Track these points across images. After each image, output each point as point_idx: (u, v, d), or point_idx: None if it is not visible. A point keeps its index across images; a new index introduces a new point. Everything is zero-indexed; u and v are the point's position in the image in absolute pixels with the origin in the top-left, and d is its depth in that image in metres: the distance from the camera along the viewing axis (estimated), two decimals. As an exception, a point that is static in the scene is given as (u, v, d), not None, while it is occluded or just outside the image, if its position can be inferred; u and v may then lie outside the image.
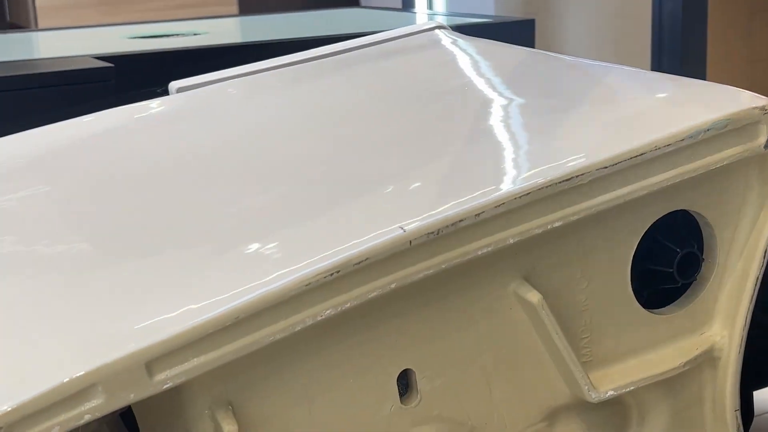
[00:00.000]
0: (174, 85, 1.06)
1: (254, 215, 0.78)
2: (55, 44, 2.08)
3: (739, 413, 0.83)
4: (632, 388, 0.80)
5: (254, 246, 0.72)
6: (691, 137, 0.75)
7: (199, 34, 1.96)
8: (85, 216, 0.84)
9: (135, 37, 1.96)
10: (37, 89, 1.47)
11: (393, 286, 0.67)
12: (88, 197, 0.88)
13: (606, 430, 0.83)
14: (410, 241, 0.67)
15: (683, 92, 0.86)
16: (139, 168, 0.93)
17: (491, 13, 2.37)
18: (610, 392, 0.78)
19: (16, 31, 3.44)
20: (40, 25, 3.72)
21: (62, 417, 0.59)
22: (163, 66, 1.44)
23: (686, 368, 0.81)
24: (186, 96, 1.06)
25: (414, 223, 0.68)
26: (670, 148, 0.74)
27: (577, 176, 0.72)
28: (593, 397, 0.77)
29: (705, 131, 0.75)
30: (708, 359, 0.83)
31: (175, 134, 0.99)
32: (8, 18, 4.11)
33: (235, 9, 4.00)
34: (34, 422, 0.59)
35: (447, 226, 0.68)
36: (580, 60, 1.00)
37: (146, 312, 0.64)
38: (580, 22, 3.19)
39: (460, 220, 0.68)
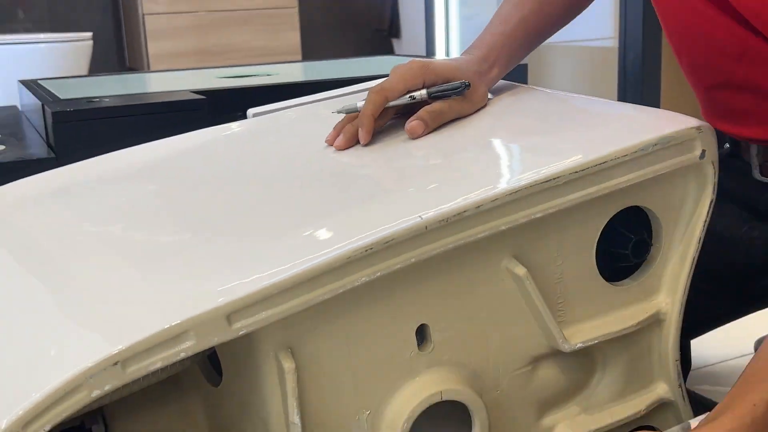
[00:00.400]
0: (251, 111, 1.07)
1: (308, 209, 0.78)
2: (162, 82, 2.11)
3: (679, 363, 0.82)
4: (596, 341, 0.78)
5: (309, 231, 0.71)
6: (643, 150, 0.74)
7: (271, 75, 1.98)
8: (181, 207, 0.85)
9: (223, 77, 1.97)
10: (147, 115, 1.49)
11: (413, 260, 0.67)
12: (184, 193, 0.88)
13: (576, 374, 0.81)
14: (426, 227, 0.67)
15: (639, 116, 0.85)
16: (221, 171, 0.93)
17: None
18: (579, 344, 0.77)
19: (133, 73, 3.47)
20: (152, 68, 3.74)
21: (163, 354, 0.60)
22: (244, 97, 1.45)
23: (638, 327, 0.80)
24: (259, 119, 1.06)
25: (429, 213, 0.68)
26: (627, 158, 0.74)
27: (554, 179, 0.72)
28: (566, 348, 0.76)
29: (654, 145, 0.74)
30: (655, 321, 0.81)
31: (249, 147, 0.99)
32: (128, 63, 4.14)
33: (299, 56, 4.03)
34: (143, 357, 0.59)
35: (454, 216, 0.68)
36: (566, 94, 0.99)
37: (226, 278, 0.65)
38: (563, 68, 3.18)
39: (464, 211, 0.68)
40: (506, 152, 0.85)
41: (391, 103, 0.86)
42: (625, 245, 0.79)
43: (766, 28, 0.75)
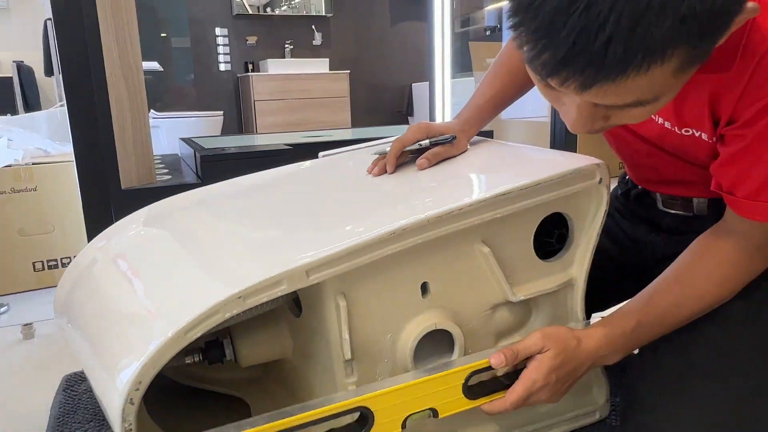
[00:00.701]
0: (321, 154, 1.05)
1: (354, 210, 0.77)
2: (265, 140, 2.13)
3: (584, 311, 0.80)
4: (533, 295, 0.77)
5: (355, 222, 0.71)
6: (562, 176, 0.73)
7: (332, 136, 2.01)
8: (277, 209, 0.84)
9: (304, 137, 2.00)
10: (257, 158, 1.53)
11: (420, 241, 0.67)
12: (278, 201, 0.88)
13: (520, 316, 0.79)
14: (428, 221, 0.67)
15: (562, 157, 0.81)
16: (301, 187, 0.92)
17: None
18: (522, 297, 0.76)
19: (245, 135, 3.51)
20: (259, 131, 3.82)
21: (268, 293, 0.62)
22: (315, 148, 1.46)
23: (559, 288, 0.78)
24: (326, 158, 1.04)
25: (431, 213, 0.67)
26: (553, 181, 0.73)
27: (508, 193, 0.71)
28: (514, 299, 0.75)
29: (569, 174, 0.73)
30: (569, 284, 0.80)
31: (319, 173, 0.98)
32: (243, 130, 4.24)
33: (349, 126, 4.15)
34: (256, 294, 0.61)
35: (445, 215, 0.68)
36: (516, 144, 0.94)
37: (305, 249, 0.65)
38: (516, 133, 3.18)
39: (452, 212, 0.68)
40: (478, 178, 0.82)
41: (407, 149, 0.87)
42: (551, 236, 0.79)
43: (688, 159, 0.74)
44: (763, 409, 0.68)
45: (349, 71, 4.49)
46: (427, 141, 0.87)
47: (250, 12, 4.46)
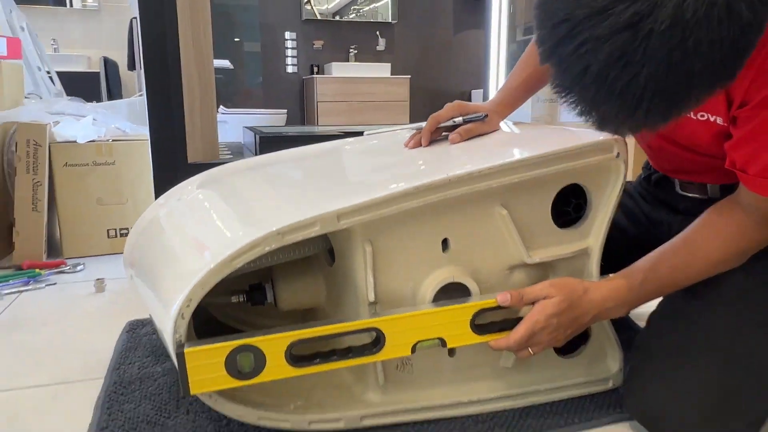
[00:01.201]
0: (365, 132, 1.12)
1: (391, 172, 0.83)
2: (323, 128, 2.21)
3: (598, 277, 0.83)
4: (549, 259, 0.81)
5: (389, 179, 0.74)
6: (579, 149, 0.78)
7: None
8: (320, 170, 0.93)
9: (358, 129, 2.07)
10: (308, 139, 1.62)
11: (441, 198, 0.73)
12: (324, 164, 0.96)
13: (536, 278, 0.82)
14: (449, 180, 0.74)
15: (582, 132, 0.82)
16: (347, 156, 1.00)
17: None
18: (537, 259, 0.80)
19: (307, 126, 3.65)
20: (320, 123, 3.97)
21: (303, 232, 0.70)
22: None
23: (574, 255, 0.83)
24: (370, 135, 1.11)
25: (453, 173, 0.74)
26: (570, 152, 0.77)
27: (525, 161, 0.76)
28: (529, 261, 0.80)
29: (586, 147, 0.78)
30: (585, 252, 0.83)
31: (359, 147, 1.05)
32: (305, 122, 4.39)
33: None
34: (293, 232, 0.70)
35: (466, 175, 0.74)
36: (544, 125, 1.00)
37: (339, 200, 0.72)
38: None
39: (471, 174, 0.74)
40: (502, 148, 0.87)
41: (441, 125, 0.94)
42: (569, 206, 0.84)
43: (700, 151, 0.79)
44: (755, 377, 0.71)
45: (409, 76, 4.60)
46: (460, 118, 0.94)
47: (318, 18, 4.65)
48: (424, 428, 0.81)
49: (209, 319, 0.99)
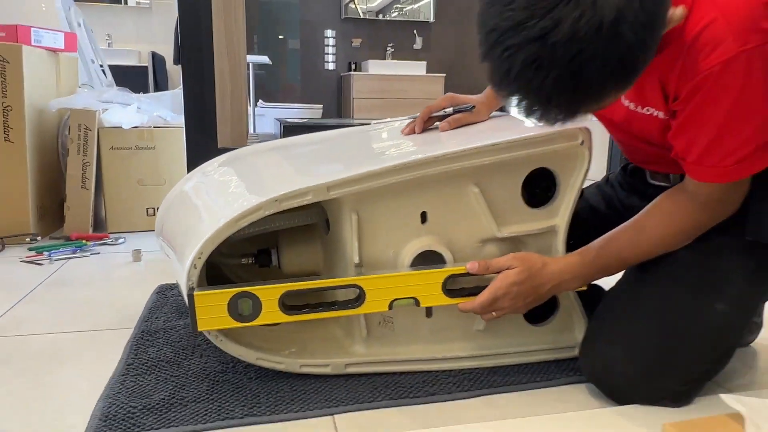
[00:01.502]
0: (373, 122, 1.20)
1: (385, 152, 0.88)
2: (341, 120, 2.30)
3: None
4: (518, 234, 0.90)
5: (379, 157, 0.83)
6: (544, 136, 0.86)
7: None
8: (317, 152, 1.02)
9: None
10: (327, 127, 1.71)
11: (419, 176, 0.83)
12: (321, 147, 1.05)
13: (508, 250, 0.90)
14: (426, 160, 0.83)
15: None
16: (345, 140, 1.08)
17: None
18: (507, 234, 0.89)
19: (330, 119, 3.77)
20: (355, 116, 4.09)
21: (297, 200, 0.81)
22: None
23: (542, 232, 0.91)
24: (376, 124, 1.18)
25: (429, 154, 0.83)
26: (538, 139, 0.86)
27: (495, 145, 0.85)
28: (499, 235, 0.89)
29: (551, 134, 0.86)
30: (552, 230, 0.91)
31: (363, 133, 1.11)
32: (341, 116, 4.53)
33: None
34: (288, 199, 0.81)
35: (441, 156, 0.83)
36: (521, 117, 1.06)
37: (331, 174, 0.83)
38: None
39: (446, 155, 0.83)
40: (481, 135, 0.93)
41: (434, 114, 1.04)
42: (538, 188, 0.92)
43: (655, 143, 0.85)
44: (687, 343, 0.80)
45: (444, 75, 4.69)
46: (450, 109, 1.03)
47: (361, 17, 4.80)
48: (401, 378, 0.92)
49: (226, 281, 1.13)
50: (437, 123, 1.06)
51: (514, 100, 0.64)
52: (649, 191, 0.98)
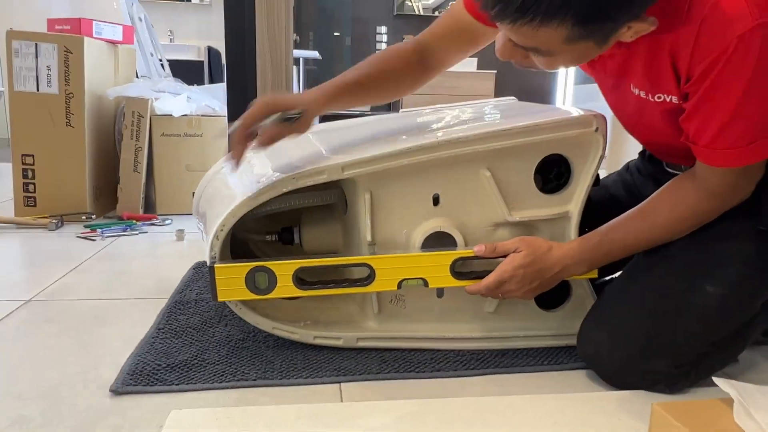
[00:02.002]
0: (401, 110, 1.22)
1: (393, 139, 0.90)
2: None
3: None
4: (530, 219, 0.91)
5: (391, 139, 0.85)
6: (557, 122, 0.87)
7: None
8: (349, 135, 1.04)
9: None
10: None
11: (431, 158, 0.86)
12: (353, 132, 1.09)
13: (520, 235, 0.89)
14: (438, 142, 0.86)
15: (566, 109, 0.92)
16: (366, 126, 1.08)
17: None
18: (518, 218, 0.91)
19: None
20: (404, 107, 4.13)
21: (314, 178, 0.85)
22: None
23: (555, 218, 0.92)
24: (402, 112, 1.22)
25: (443, 137, 0.86)
26: (548, 125, 0.87)
27: (508, 130, 0.86)
28: (510, 219, 0.91)
29: (564, 120, 0.87)
30: (565, 216, 0.92)
31: (387, 119, 1.15)
32: (390, 110, 4.60)
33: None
34: (304, 177, 0.85)
35: (453, 140, 0.86)
36: (534, 104, 1.03)
37: (346, 155, 0.87)
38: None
39: (458, 139, 0.86)
40: (495, 121, 0.95)
41: (259, 125, 0.82)
42: (552, 174, 0.93)
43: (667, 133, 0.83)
44: (674, 327, 0.79)
45: (495, 71, 4.66)
46: (275, 117, 0.82)
47: (416, 13, 4.83)
48: (410, 354, 0.95)
49: (254, 257, 1.19)
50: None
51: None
52: (664, 179, 0.97)
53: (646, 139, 0.90)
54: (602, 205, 1.03)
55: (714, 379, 0.65)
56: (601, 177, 1.06)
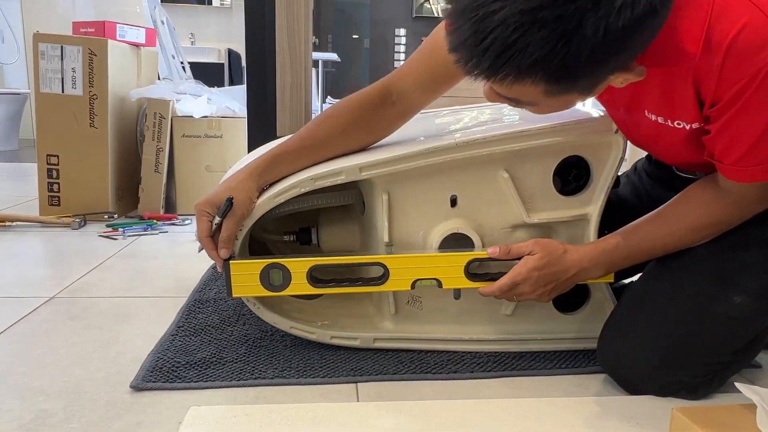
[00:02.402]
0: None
1: (411, 140, 0.93)
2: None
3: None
4: (548, 221, 0.90)
5: (413, 140, 0.86)
6: (574, 123, 0.86)
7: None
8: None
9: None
10: None
11: (448, 160, 0.86)
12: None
13: (538, 237, 0.88)
14: (456, 143, 0.86)
15: (586, 111, 0.91)
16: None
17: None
18: (536, 220, 0.90)
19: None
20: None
21: (331, 179, 0.86)
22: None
23: (574, 220, 0.91)
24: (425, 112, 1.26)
25: (461, 139, 0.86)
26: (566, 127, 0.86)
27: (525, 131, 0.86)
28: (528, 221, 0.90)
29: (582, 122, 0.86)
30: (584, 218, 0.91)
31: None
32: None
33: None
34: (322, 178, 0.86)
35: (471, 141, 0.85)
36: None
37: (367, 157, 0.87)
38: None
39: (476, 140, 0.85)
40: (513, 120, 0.94)
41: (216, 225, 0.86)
42: (570, 175, 0.92)
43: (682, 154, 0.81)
44: (699, 337, 0.78)
45: (514, 73, 4.64)
46: (218, 219, 0.85)
47: (435, 15, 4.83)
48: (426, 355, 0.96)
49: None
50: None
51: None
52: (676, 183, 0.95)
53: (663, 157, 0.89)
54: (609, 207, 1.01)
55: (736, 384, 0.64)
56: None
